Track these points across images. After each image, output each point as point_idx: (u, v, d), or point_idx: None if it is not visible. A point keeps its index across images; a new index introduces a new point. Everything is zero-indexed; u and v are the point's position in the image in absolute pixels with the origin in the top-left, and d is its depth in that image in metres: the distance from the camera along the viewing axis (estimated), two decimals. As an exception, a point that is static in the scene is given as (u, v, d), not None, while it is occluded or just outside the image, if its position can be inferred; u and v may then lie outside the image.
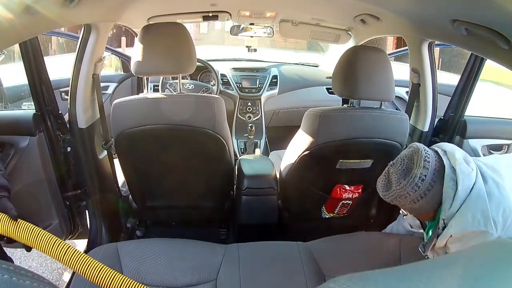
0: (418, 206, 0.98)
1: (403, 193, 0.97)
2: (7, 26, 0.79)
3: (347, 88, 1.30)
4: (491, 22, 0.84)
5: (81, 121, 1.45)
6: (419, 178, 0.95)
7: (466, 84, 1.54)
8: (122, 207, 1.73)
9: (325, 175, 1.43)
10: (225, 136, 1.32)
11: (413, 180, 0.96)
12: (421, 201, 0.97)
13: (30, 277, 0.34)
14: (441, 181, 0.96)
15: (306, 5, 1.74)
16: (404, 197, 0.97)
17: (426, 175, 0.96)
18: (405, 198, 0.97)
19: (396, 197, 0.99)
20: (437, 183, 0.96)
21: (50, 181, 1.47)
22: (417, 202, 0.97)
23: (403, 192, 0.97)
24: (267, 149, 2.54)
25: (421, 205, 0.98)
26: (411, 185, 0.96)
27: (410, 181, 0.96)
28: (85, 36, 1.38)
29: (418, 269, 0.39)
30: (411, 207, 1.00)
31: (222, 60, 2.79)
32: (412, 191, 0.96)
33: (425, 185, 0.96)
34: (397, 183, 0.98)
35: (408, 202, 0.98)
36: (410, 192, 0.96)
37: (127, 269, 1.15)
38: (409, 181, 0.96)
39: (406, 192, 0.96)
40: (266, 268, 1.18)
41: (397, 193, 0.98)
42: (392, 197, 1.00)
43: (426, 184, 0.96)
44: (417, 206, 0.98)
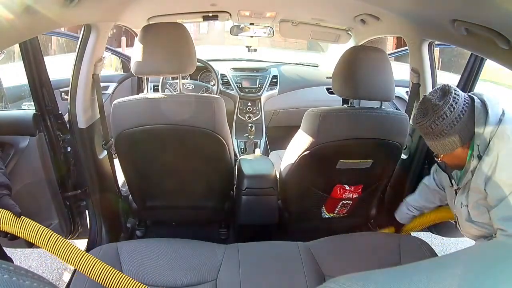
0: (452, 139, 1.04)
1: (441, 113, 1.02)
2: (7, 26, 0.79)
3: (347, 88, 1.30)
4: (491, 22, 0.84)
5: (81, 121, 1.45)
6: (453, 99, 1.02)
7: (466, 84, 1.54)
8: (122, 207, 1.73)
9: (325, 175, 1.43)
10: (225, 136, 1.32)
11: (448, 100, 1.02)
12: (454, 127, 1.02)
13: (30, 277, 0.34)
14: (471, 111, 1.03)
15: (306, 5, 1.74)
16: (441, 118, 1.02)
17: (458, 95, 1.03)
18: (442, 121, 1.02)
19: (434, 121, 1.03)
20: (467, 112, 1.03)
21: (50, 181, 1.47)
22: (452, 127, 1.02)
23: (440, 112, 1.02)
24: (267, 149, 2.54)
25: (454, 137, 1.03)
26: (447, 105, 1.02)
27: (446, 101, 1.02)
28: (85, 36, 1.38)
29: (418, 269, 0.39)
30: (445, 142, 1.05)
31: (222, 60, 2.79)
32: (448, 111, 1.01)
33: (459, 106, 1.02)
34: (434, 105, 1.03)
35: (444, 128, 1.03)
36: (447, 112, 1.01)
37: (127, 269, 1.15)
38: (445, 101, 1.02)
39: (443, 113, 1.02)
40: (266, 268, 1.18)
41: (436, 115, 1.03)
42: (430, 121, 1.04)
43: (460, 106, 1.02)
44: (451, 138, 1.04)
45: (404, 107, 1.77)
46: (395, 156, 1.41)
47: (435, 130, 1.05)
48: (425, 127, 1.06)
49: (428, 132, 1.07)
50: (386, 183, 1.58)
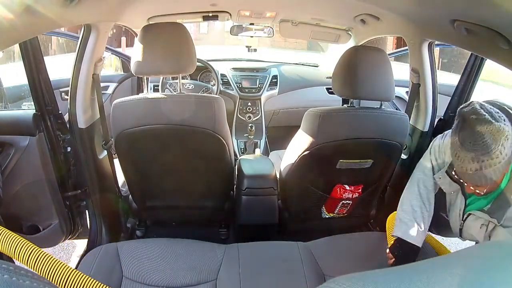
0: (497, 171, 0.93)
1: (497, 152, 0.90)
2: (7, 26, 0.79)
3: (347, 88, 1.30)
4: (491, 22, 0.84)
5: (81, 121, 1.45)
6: (507, 133, 0.91)
7: (466, 84, 1.54)
8: (122, 207, 1.73)
9: (325, 175, 1.43)
10: (225, 136, 1.32)
11: (503, 134, 0.90)
12: (502, 162, 0.92)
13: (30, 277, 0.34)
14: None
15: (306, 5, 1.74)
16: (497, 156, 0.90)
17: (509, 130, 0.91)
18: (496, 158, 0.91)
19: (490, 157, 0.91)
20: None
21: (50, 181, 1.47)
22: (501, 162, 0.91)
23: (497, 151, 0.90)
24: (267, 149, 2.54)
25: (500, 170, 0.93)
26: (504, 138, 0.90)
27: (502, 135, 0.90)
28: (85, 36, 1.38)
29: (418, 269, 0.39)
30: (490, 175, 0.93)
31: (222, 60, 2.79)
32: (502, 147, 0.90)
33: (510, 141, 0.91)
34: (499, 128, 0.90)
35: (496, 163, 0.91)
36: (502, 149, 0.90)
37: (127, 269, 1.15)
38: (502, 137, 0.90)
39: (498, 151, 0.90)
40: (266, 268, 1.18)
41: (495, 153, 0.90)
42: (486, 157, 0.91)
43: (510, 140, 0.91)
44: (498, 169, 0.92)
45: (404, 107, 1.77)
46: (395, 156, 1.41)
47: (493, 162, 0.91)
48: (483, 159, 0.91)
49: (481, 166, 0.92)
50: (386, 183, 1.58)
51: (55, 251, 1.92)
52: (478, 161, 0.92)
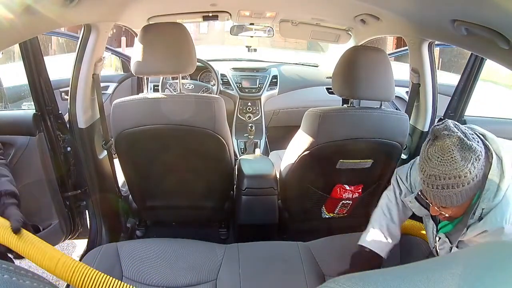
0: (464, 193, 0.89)
1: (466, 170, 0.86)
2: (7, 26, 0.79)
3: (347, 88, 1.30)
4: (491, 22, 0.84)
5: (81, 121, 1.45)
6: (479, 153, 0.87)
7: (466, 84, 1.54)
8: (122, 207, 1.73)
9: (325, 175, 1.43)
10: (225, 136, 1.32)
11: (475, 152, 0.87)
12: (471, 183, 0.88)
13: (30, 277, 0.34)
14: (487, 166, 0.89)
15: (306, 5, 1.74)
16: (465, 174, 0.86)
17: (481, 151, 0.88)
18: (464, 177, 0.87)
19: (459, 175, 0.87)
20: (485, 168, 0.89)
21: (50, 181, 1.47)
22: (470, 183, 0.87)
23: (467, 169, 0.86)
24: (267, 149, 2.54)
25: (467, 192, 0.89)
26: (474, 157, 0.87)
27: (473, 153, 0.87)
28: (85, 36, 1.38)
29: (418, 269, 0.39)
30: (465, 190, 0.89)
31: (222, 60, 2.79)
32: (472, 167, 0.86)
33: (481, 162, 0.88)
34: (462, 159, 0.87)
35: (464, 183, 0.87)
36: (472, 168, 0.86)
37: (127, 269, 1.15)
38: (472, 154, 0.87)
39: (468, 170, 0.86)
40: (266, 268, 1.18)
41: (464, 170, 0.86)
42: (455, 174, 0.87)
43: (481, 161, 0.88)
44: (465, 191, 0.88)
45: (404, 107, 1.76)
46: (395, 156, 1.41)
47: (459, 181, 0.87)
48: (450, 176, 0.87)
49: (448, 183, 0.88)
50: (386, 183, 1.58)
51: (55, 251, 1.92)
52: (445, 178, 0.88)
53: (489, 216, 0.90)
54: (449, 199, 0.90)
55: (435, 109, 1.55)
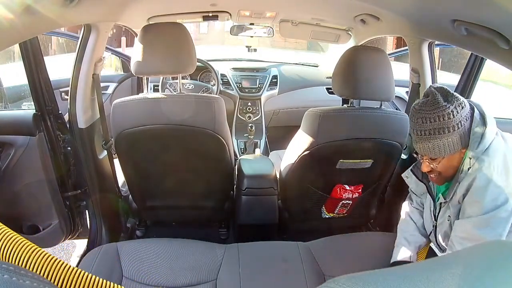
0: (455, 139, 0.95)
1: (449, 111, 0.93)
2: (7, 26, 0.79)
3: (347, 88, 1.30)
4: (491, 22, 0.84)
5: (81, 121, 1.45)
6: (462, 101, 0.95)
7: (466, 84, 1.54)
8: (122, 207, 1.73)
9: (325, 175, 1.43)
10: (225, 136, 1.32)
11: (458, 99, 0.95)
12: (457, 131, 0.94)
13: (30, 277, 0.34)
14: (471, 120, 0.96)
15: (306, 5, 1.74)
16: (449, 116, 0.93)
17: (465, 101, 0.96)
18: (448, 119, 0.93)
19: (443, 115, 0.93)
20: (468, 122, 0.96)
21: (50, 181, 1.47)
22: (455, 130, 0.94)
23: (450, 110, 0.93)
24: (267, 149, 2.54)
25: (456, 138, 0.95)
26: (457, 103, 0.94)
27: (456, 99, 0.94)
28: (85, 36, 1.38)
29: (418, 269, 0.39)
30: (448, 142, 0.95)
31: (222, 60, 2.79)
32: (455, 110, 0.93)
33: (466, 110, 0.95)
34: (445, 101, 0.94)
35: (452, 124, 0.94)
36: (454, 111, 0.93)
37: (127, 269, 1.15)
38: (455, 99, 0.94)
39: (450, 111, 0.93)
40: (266, 268, 1.18)
41: (447, 110, 0.93)
42: (439, 114, 0.93)
43: (466, 110, 0.95)
44: (454, 137, 0.95)
45: (404, 107, 1.77)
46: (395, 156, 1.41)
47: (443, 124, 0.93)
48: (434, 117, 0.94)
49: (434, 126, 0.94)
50: (386, 183, 1.58)
51: (55, 251, 1.92)
52: (430, 120, 0.94)
53: (477, 163, 0.95)
54: (437, 147, 0.96)
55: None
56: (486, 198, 0.93)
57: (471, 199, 0.96)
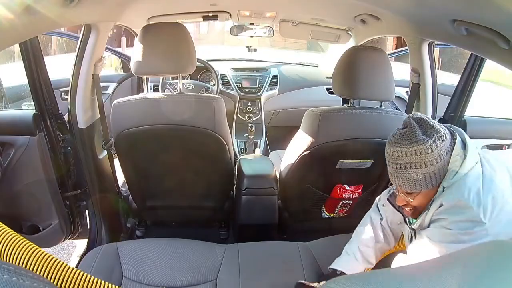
0: (433, 173, 0.90)
1: (427, 145, 0.88)
2: (7, 26, 0.79)
3: (347, 88, 1.30)
4: (491, 22, 0.84)
5: (81, 121, 1.45)
6: (442, 133, 0.90)
7: (466, 84, 1.54)
8: (122, 207, 1.73)
9: (325, 175, 1.43)
10: (225, 136, 1.32)
11: (438, 132, 0.89)
12: (435, 165, 0.89)
13: (30, 277, 0.34)
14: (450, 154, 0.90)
15: (306, 5, 1.74)
16: (426, 150, 0.88)
17: (446, 132, 0.91)
18: (426, 153, 0.88)
19: (420, 150, 0.88)
20: (448, 155, 0.90)
21: (50, 181, 1.47)
22: (433, 165, 0.89)
23: (428, 144, 0.88)
24: (267, 149, 2.54)
25: (430, 175, 0.90)
26: (437, 136, 0.89)
27: (435, 132, 0.89)
28: (85, 36, 1.38)
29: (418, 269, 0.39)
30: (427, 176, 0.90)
31: (222, 60, 2.79)
32: (434, 144, 0.88)
33: (446, 144, 0.89)
34: (424, 134, 0.89)
35: (436, 157, 0.89)
36: (433, 146, 0.88)
37: (127, 269, 1.15)
38: (434, 132, 0.89)
39: (428, 145, 0.88)
40: (266, 268, 1.18)
41: (425, 145, 0.88)
42: (416, 148, 0.88)
43: (447, 143, 0.90)
44: (434, 172, 0.90)
45: (404, 107, 1.76)
46: None
47: (420, 158, 0.89)
48: (411, 151, 0.89)
49: (410, 160, 0.89)
50: (386, 183, 1.58)
51: (55, 251, 1.92)
52: (406, 154, 0.89)
53: (447, 190, 0.90)
54: (412, 182, 0.91)
55: (435, 109, 1.55)
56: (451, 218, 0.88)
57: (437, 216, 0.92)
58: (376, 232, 1.16)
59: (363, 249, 1.14)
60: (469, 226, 0.86)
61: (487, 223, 0.85)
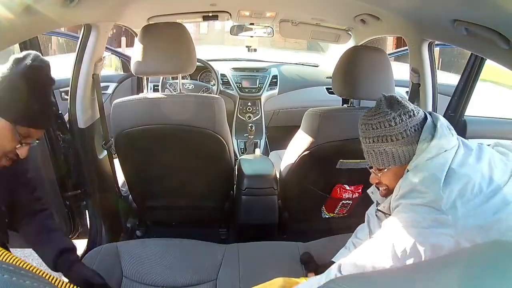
0: (395, 152, 0.90)
1: (389, 117, 0.88)
2: (7, 26, 0.79)
3: (347, 88, 1.30)
4: (491, 22, 0.84)
5: (81, 121, 1.45)
6: (410, 109, 0.89)
7: (466, 84, 1.54)
8: (122, 207, 1.73)
9: (325, 175, 1.43)
10: (225, 136, 1.32)
11: (405, 107, 0.89)
12: (401, 140, 0.88)
13: (30, 277, 0.34)
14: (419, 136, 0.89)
15: (306, 5, 1.74)
16: (389, 122, 0.88)
17: (418, 111, 0.90)
18: (389, 126, 0.88)
19: (383, 121, 0.89)
20: (417, 134, 0.89)
21: (50, 181, 1.47)
22: (399, 140, 0.88)
23: (391, 116, 0.88)
24: (267, 149, 2.54)
25: (397, 151, 0.89)
26: (402, 110, 0.89)
27: (402, 107, 0.89)
28: (85, 36, 1.38)
29: (418, 269, 0.39)
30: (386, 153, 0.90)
31: (222, 60, 2.79)
32: (399, 118, 0.88)
33: (414, 120, 0.88)
34: (388, 107, 0.90)
35: (391, 135, 0.88)
36: (397, 119, 0.88)
37: (127, 269, 1.15)
38: (401, 107, 0.89)
39: (391, 117, 0.88)
40: (266, 268, 1.18)
41: (387, 117, 0.88)
42: (379, 120, 0.89)
43: (415, 120, 0.88)
44: (395, 149, 0.89)
45: (404, 107, 1.76)
46: None
47: (385, 131, 0.89)
48: (376, 123, 0.90)
49: (376, 134, 0.90)
50: (386, 183, 1.58)
51: (55, 251, 1.92)
52: (372, 126, 0.91)
53: (408, 174, 0.88)
54: (380, 156, 0.92)
55: (435, 109, 1.55)
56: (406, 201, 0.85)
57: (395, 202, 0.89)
58: (369, 224, 1.17)
59: (355, 241, 1.16)
60: (425, 210, 0.82)
61: (447, 212, 0.79)
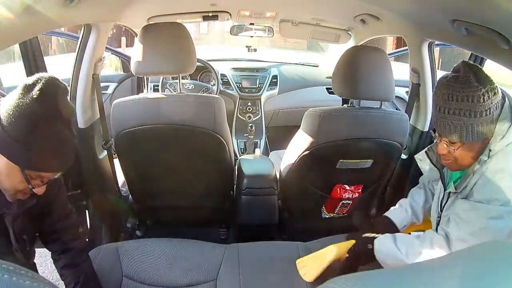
0: (486, 127, 0.87)
1: (480, 93, 0.84)
2: (7, 26, 0.79)
3: (347, 88, 1.30)
4: (491, 22, 0.84)
5: (81, 121, 1.45)
6: (495, 86, 0.86)
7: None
8: (122, 207, 1.73)
9: (325, 175, 1.43)
10: (225, 136, 1.32)
11: (491, 83, 0.86)
12: (484, 117, 0.85)
13: (30, 277, 0.34)
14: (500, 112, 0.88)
15: (306, 5, 1.74)
16: (478, 99, 0.84)
17: (499, 89, 0.87)
18: (477, 102, 0.84)
19: (472, 96, 0.84)
20: (497, 113, 0.87)
21: (50, 181, 1.47)
22: (483, 116, 0.85)
23: (481, 92, 0.84)
24: (267, 149, 2.54)
25: (478, 127, 0.86)
26: (490, 87, 0.85)
27: (489, 82, 0.86)
28: (85, 36, 1.38)
29: (418, 269, 0.39)
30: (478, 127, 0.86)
31: (222, 60, 2.79)
32: (487, 95, 0.84)
33: (497, 98, 0.86)
34: (477, 81, 0.85)
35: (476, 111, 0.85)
36: (486, 96, 0.84)
37: (127, 269, 1.15)
38: (488, 82, 0.86)
39: (481, 93, 0.84)
40: (266, 268, 1.18)
41: (477, 92, 0.84)
42: (468, 94, 0.84)
43: (498, 97, 0.86)
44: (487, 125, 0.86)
45: (404, 107, 1.77)
46: (395, 156, 1.41)
47: (471, 106, 0.84)
48: (463, 96, 0.84)
49: (460, 106, 0.85)
50: (386, 183, 1.58)
51: (55, 251, 1.92)
52: (457, 99, 0.85)
53: (495, 157, 0.87)
54: (459, 131, 0.87)
55: (435, 109, 1.55)
56: (496, 190, 0.86)
57: (481, 186, 0.89)
58: (427, 194, 1.22)
59: (414, 205, 1.21)
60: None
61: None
